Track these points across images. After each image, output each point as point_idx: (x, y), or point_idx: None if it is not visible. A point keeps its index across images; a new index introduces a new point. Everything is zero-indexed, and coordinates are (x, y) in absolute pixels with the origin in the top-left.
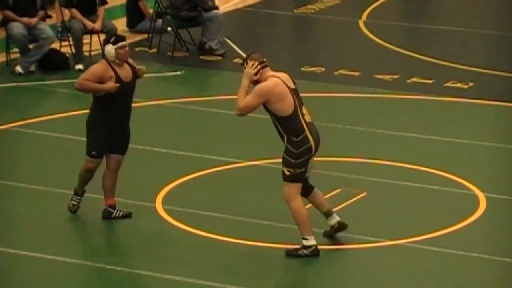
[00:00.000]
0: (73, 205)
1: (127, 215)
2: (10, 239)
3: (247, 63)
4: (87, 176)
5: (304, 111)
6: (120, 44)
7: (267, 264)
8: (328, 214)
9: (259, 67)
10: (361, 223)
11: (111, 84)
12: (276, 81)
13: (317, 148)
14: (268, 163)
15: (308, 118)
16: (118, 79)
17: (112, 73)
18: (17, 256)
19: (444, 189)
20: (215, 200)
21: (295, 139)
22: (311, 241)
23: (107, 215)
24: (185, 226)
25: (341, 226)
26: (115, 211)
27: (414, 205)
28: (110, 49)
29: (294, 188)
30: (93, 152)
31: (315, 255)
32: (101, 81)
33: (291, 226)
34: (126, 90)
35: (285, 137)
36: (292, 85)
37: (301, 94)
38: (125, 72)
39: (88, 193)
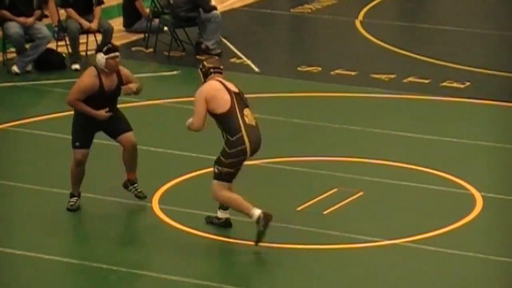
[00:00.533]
0: (71, 205)
1: (141, 196)
2: (7, 238)
3: (203, 65)
4: (78, 170)
5: (246, 113)
6: (111, 54)
7: (265, 264)
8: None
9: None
10: (358, 223)
11: (103, 114)
12: (211, 82)
13: (255, 151)
14: (265, 162)
15: (249, 120)
16: (101, 88)
17: (97, 82)
18: (14, 256)
19: (440, 188)
20: (211, 200)
21: (231, 139)
22: (256, 213)
23: (124, 186)
24: (182, 226)
25: (227, 224)
26: (131, 187)
27: (410, 204)
28: (101, 58)
29: (220, 187)
30: (76, 143)
31: (268, 220)
32: (91, 93)
33: (288, 226)
34: (108, 99)
35: (224, 137)
36: (235, 89)
37: (298, 94)
38: (110, 82)
39: (86, 192)
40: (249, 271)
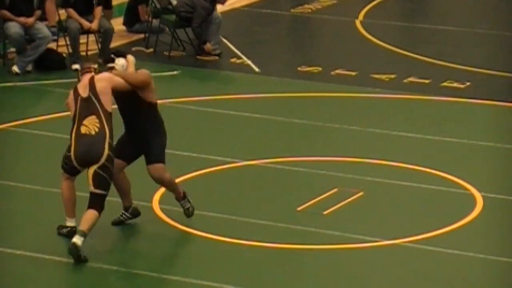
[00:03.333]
0: (118, 217)
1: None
2: (7, 238)
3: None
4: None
5: (86, 122)
6: None
7: (263, 264)
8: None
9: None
10: (358, 223)
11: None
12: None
13: (84, 161)
14: (265, 163)
15: (85, 130)
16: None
17: None
18: (14, 256)
19: (441, 188)
20: (212, 200)
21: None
22: (68, 223)
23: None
24: (182, 226)
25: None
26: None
27: (410, 204)
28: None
29: (63, 175)
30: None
31: (69, 236)
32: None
33: (288, 226)
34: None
35: None
36: (84, 94)
37: (298, 94)
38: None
39: (84, 192)
40: (249, 271)
